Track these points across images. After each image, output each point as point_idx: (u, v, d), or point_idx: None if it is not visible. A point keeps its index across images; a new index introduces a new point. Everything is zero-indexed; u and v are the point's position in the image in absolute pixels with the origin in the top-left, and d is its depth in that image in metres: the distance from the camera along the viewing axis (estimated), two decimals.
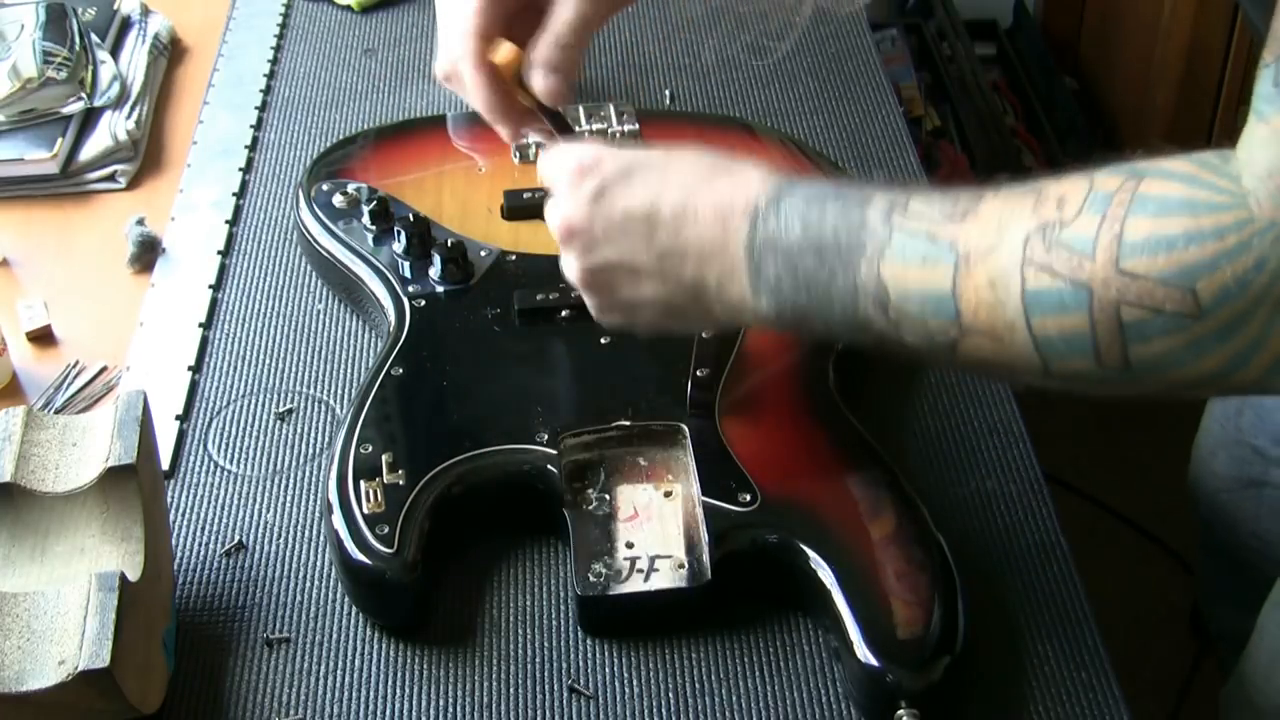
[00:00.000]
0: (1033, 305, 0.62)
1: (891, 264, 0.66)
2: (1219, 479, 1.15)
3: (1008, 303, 0.62)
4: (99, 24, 1.24)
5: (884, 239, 0.66)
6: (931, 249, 0.65)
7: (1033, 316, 0.62)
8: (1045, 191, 0.63)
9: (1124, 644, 0.83)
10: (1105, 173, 0.62)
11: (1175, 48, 1.97)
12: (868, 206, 0.67)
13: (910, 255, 0.65)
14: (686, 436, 0.84)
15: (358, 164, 1.06)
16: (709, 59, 1.24)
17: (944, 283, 0.64)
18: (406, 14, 1.31)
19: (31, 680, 0.67)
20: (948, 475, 0.88)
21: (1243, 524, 1.14)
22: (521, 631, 0.79)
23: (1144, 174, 0.61)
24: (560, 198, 0.75)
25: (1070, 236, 0.61)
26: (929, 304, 0.65)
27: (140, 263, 1.05)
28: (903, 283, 0.65)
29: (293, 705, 0.76)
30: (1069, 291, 0.61)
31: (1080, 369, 0.62)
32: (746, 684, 0.77)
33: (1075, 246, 0.60)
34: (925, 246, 0.65)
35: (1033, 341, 0.62)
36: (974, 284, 0.63)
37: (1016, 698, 0.76)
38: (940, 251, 0.64)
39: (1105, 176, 0.62)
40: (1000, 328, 0.63)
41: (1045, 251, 0.61)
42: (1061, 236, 0.61)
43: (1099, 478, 1.85)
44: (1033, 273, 0.61)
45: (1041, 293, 0.61)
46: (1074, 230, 0.61)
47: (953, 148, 2.18)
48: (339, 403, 0.93)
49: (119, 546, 0.75)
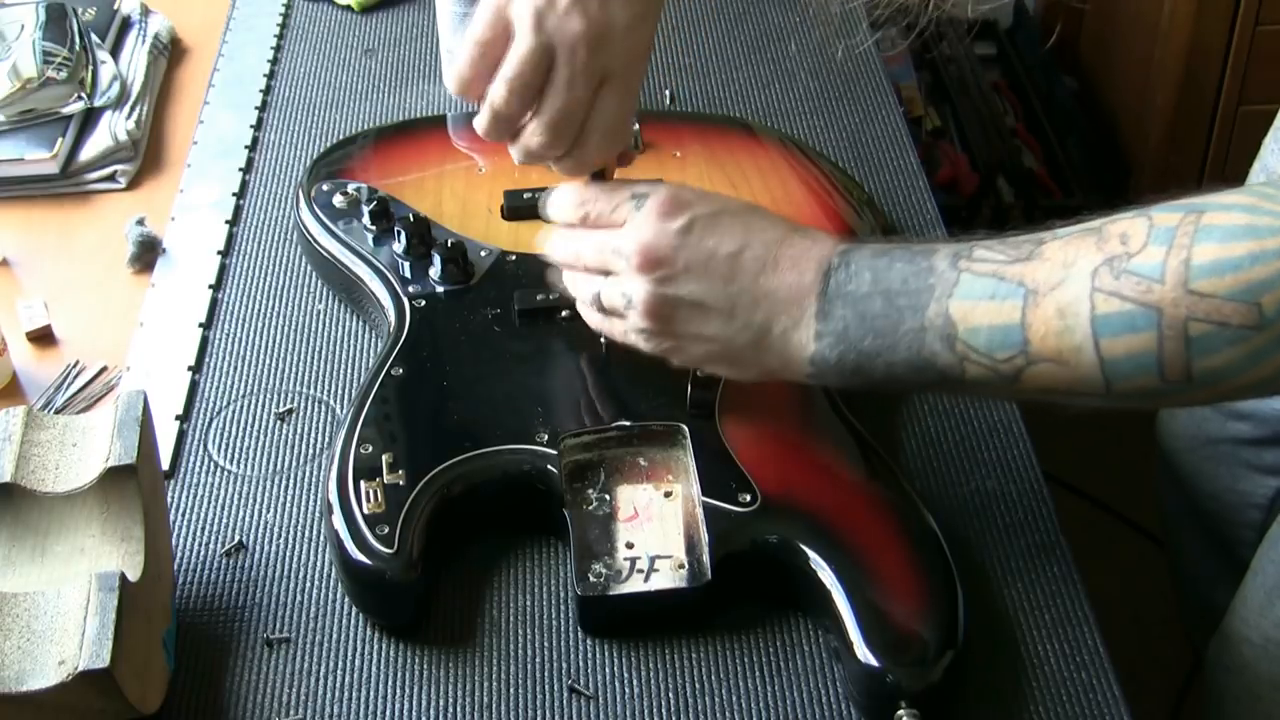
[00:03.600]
0: (1102, 328, 0.67)
1: (960, 302, 0.71)
2: (1178, 439, 1.18)
3: (1076, 328, 0.68)
4: (99, 24, 1.24)
5: (952, 280, 0.72)
6: (1000, 286, 0.70)
7: (1101, 338, 0.67)
8: (1106, 231, 0.69)
9: (1124, 644, 0.83)
10: (1162, 210, 0.68)
11: (1175, 48, 1.97)
12: (933, 255, 0.73)
13: (979, 293, 0.71)
14: (687, 436, 0.84)
15: (358, 164, 1.06)
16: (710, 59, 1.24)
17: (1013, 315, 0.70)
18: (406, 14, 1.31)
19: (31, 680, 0.67)
20: (948, 475, 0.88)
21: (1202, 484, 1.16)
22: (521, 631, 0.79)
23: (1204, 209, 0.67)
24: (644, 225, 0.77)
25: (1138, 265, 0.66)
26: (996, 335, 0.70)
27: (140, 263, 1.05)
28: (970, 318, 0.71)
29: (293, 705, 0.76)
30: (1139, 312, 0.66)
31: (1143, 385, 0.68)
32: (746, 684, 0.77)
33: (1144, 273, 0.66)
34: (993, 285, 0.70)
35: (1099, 363, 0.68)
36: (1043, 314, 0.69)
37: (1016, 698, 0.76)
38: (1008, 288, 0.70)
39: (1164, 214, 0.68)
40: (1067, 352, 0.68)
41: (1114, 279, 0.67)
42: (1130, 266, 0.67)
43: (1099, 478, 1.85)
44: (1102, 299, 0.67)
45: (1111, 315, 0.67)
46: (1141, 259, 0.66)
47: (953, 148, 2.18)
48: (339, 403, 0.93)
49: (119, 546, 0.75)
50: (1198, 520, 1.19)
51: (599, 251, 0.80)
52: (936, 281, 0.72)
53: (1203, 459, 1.15)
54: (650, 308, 0.77)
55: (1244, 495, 1.13)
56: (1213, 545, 1.18)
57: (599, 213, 0.80)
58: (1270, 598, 0.99)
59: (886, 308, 0.73)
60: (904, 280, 0.73)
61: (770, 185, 1.02)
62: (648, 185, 0.79)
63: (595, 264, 0.80)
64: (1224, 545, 1.16)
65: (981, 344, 0.71)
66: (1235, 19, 1.91)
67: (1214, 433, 1.13)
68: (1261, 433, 1.10)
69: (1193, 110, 2.00)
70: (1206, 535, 1.18)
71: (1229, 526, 1.15)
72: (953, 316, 0.71)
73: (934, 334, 0.72)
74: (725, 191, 1.01)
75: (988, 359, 0.71)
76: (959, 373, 0.72)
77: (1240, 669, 1.01)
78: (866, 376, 0.75)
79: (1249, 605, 1.01)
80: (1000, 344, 0.70)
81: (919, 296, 0.72)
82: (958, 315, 0.71)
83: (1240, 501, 1.13)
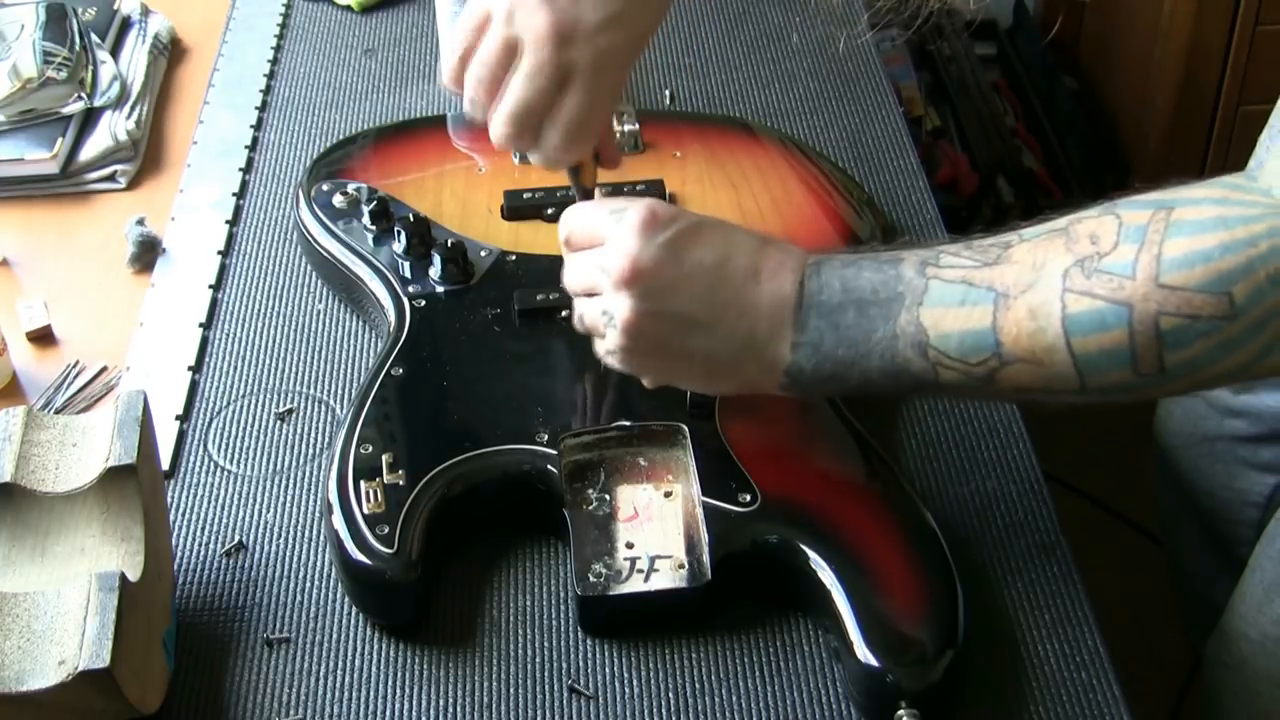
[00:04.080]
0: (1073, 327, 0.68)
1: (930, 309, 0.72)
2: (1175, 436, 1.18)
3: (1048, 329, 0.68)
4: (99, 24, 1.24)
5: (920, 288, 0.72)
6: (970, 292, 0.71)
7: (1073, 337, 0.68)
8: (1074, 231, 0.69)
9: (1124, 644, 0.83)
10: (1129, 208, 0.68)
11: (1175, 48, 1.97)
12: (900, 264, 0.73)
13: (949, 299, 0.71)
14: (686, 437, 0.84)
15: (358, 164, 1.06)
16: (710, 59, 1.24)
17: (984, 320, 0.70)
18: (406, 14, 1.31)
19: (31, 680, 0.67)
20: (948, 475, 0.88)
21: (1199, 482, 1.16)
22: (521, 631, 0.79)
23: (1173, 204, 0.67)
24: (626, 241, 0.76)
25: (1109, 264, 0.67)
26: (969, 340, 0.71)
27: (140, 263, 1.05)
28: (942, 324, 0.71)
29: (293, 705, 0.76)
30: (1109, 310, 0.67)
31: (1117, 380, 0.68)
32: (746, 684, 0.77)
33: (1115, 271, 0.67)
34: (963, 291, 0.71)
35: (1072, 361, 0.68)
36: (1014, 317, 0.69)
37: (1016, 698, 0.76)
38: (978, 294, 0.71)
39: (1132, 211, 0.68)
40: (1040, 352, 0.69)
41: (1085, 279, 0.67)
42: (1101, 265, 0.67)
43: (1099, 478, 1.85)
44: (1073, 299, 0.68)
45: (1082, 314, 0.67)
46: (1113, 259, 0.67)
47: (953, 148, 2.18)
48: (339, 403, 0.93)
49: (119, 546, 0.75)
50: (1195, 518, 1.19)
51: (584, 272, 0.79)
52: (905, 290, 0.72)
53: (1200, 456, 1.15)
54: (632, 325, 0.76)
55: (1241, 492, 1.13)
56: (1210, 542, 1.18)
57: (580, 232, 0.80)
58: (1269, 594, 0.99)
59: (858, 317, 0.73)
60: (874, 290, 0.73)
61: (770, 185, 1.02)
62: (627, 201, 0.79)
63: (584, 286, 0.80)
64: (1221, 542, 1.16)
65: (954, 349, 0.71)
66: (1235, 19, 1.91)
67: (1211, 430, 1.13)
68: (1258, 430, 1.10)
69: (1193, 110, 2.00)
70: (1204, 532, 1.18)
71: (1226, 524, 1.15)
72: (924, 324, 0.72)
73: (906, 342, 0.72)
74: (725, 191, 1.01)
75: (961, 363, 0.71)
76: (933, 377, 0.73)
77: (1239, 665, 1.02)
78: (842, 384, 0.75)
79: (1247, 602, 1.01)
80: (973, 348, 0.71)
81: (889, 306, 0.73)
82: (928, 322, 0.72)
83: (1237, 499, 1.13)
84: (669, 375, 0.80)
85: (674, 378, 0.80)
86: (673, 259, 0.76)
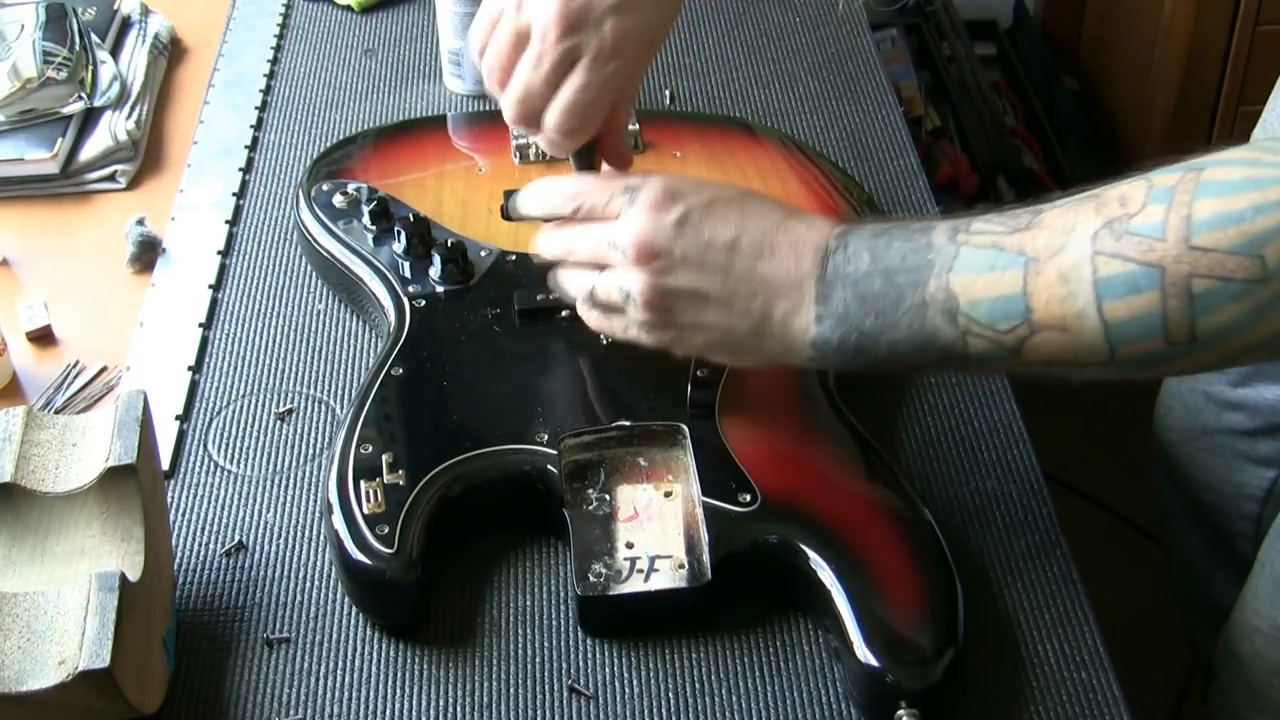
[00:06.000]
0: (1105, 290, 0.66)
1: (961, 275, 0.70)
2: (1174, 431, 1.17)
3: (1079, 293, 0.67)
4: (99, 24, 1.24)
5: (951, 254, 0.71)
6: (1000, 257, 0.70)
7: (1104, 301, 0.66)
8: (1104, 195, 0.68)
9: (1124, 644, 0.83)
10: (1161, 172, 0.68)
11: (1175, 48, 1.97)
12: (931, 232, 0.72)
13: (979, 265, 0.70)
14: (686, 436, 0.84)
15: (358, 164, 1.06)
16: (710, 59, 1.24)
17: (1014, 285, 0.69)
18: (406, 14, 1.31)
19: (31, 680, 0.67)
20: (948, 475, 0.88)
21: (1198, 476, 1.16)
22: (521, 631, 0.79)
23: (1203, 166, 0.66)
24: (639, 218, 0.76)
25: (1139, 225, 0.66)
26: (999, 306, 0.70)
27: (140, 263, 1.05)
28: (972, 290, 0.70)
29: (293, 705, 0.76)
30: (1141, 272, 0.65)
31: (1147, 349, 0.67)
32: (746, 684, 0.77)
33: (1145, 233, 0.65)
34: (993, 256, 0.70)
35: (1103, 328, 0.67)
36: (1045, 281, 0.68)
37: (1016, 698, 0.76)
38: (1009, 258, 0.69)
39: (1162, 175, 0.67)
40: (1070, 319, 0.68)
41: (1115, 241, 0.66)
42: (1130, 226, 0.66)
43: (1099, 478, 1.85)
44: (1104, 261, 0.66)
45: (1113, 277, 0.66)
46: (1141, 219, 0.66)
47: (953, 148, 2.18)
48: (339, 403, 0.93)
49: (119, 546, 0.75)
50: (1194, 512, 1.19)
51: (594, 244, 0.79)
52: (936, 257, 0.71)
53: (1198, 450, 1.15)
54: (649, 299, 0.77)
55: (1239, 486, 1.13)
56: (1208, 537, 1.18)
57: (592, 205, 0.80)
58: (1279, 588, 0.99)
59: (886, 286, 0.72)
60: (903, 258, 0.72)
61: (770, 185, 1.02)
62: (640, 177, 0.79)
63: (590, 257, 0.80)
64: (1220, 537, 1.16)
65: (984, 316, 0.70)
66: (1235, 19, 1.91)
67: (1210, 424, 1.13)
68: (1257, 423, 1.10)
69: (1193, 110, 2.00)
70: (1202, 527, 1.18)
71: (1225, 518, 1.15)
72: (954, 290, 0.70)
73: (935, 309, 0.71)
74: None
75: (991, 331, 0.70)
76: (961, 347, 0.71)
77: (1252, 658, 1.02)
78: (869, 357, 0.74)
79: (1259, 596, 1.01)
80: (1003, 314, 0.69)
81: (919, 273, 0.71)
82: (959, 289, 0.70)
83: (1236, 493, 1.13)
84: (692, 347, 0.80)
85: (698, 350, 0.80)
86: (684, 237, 0.76)
